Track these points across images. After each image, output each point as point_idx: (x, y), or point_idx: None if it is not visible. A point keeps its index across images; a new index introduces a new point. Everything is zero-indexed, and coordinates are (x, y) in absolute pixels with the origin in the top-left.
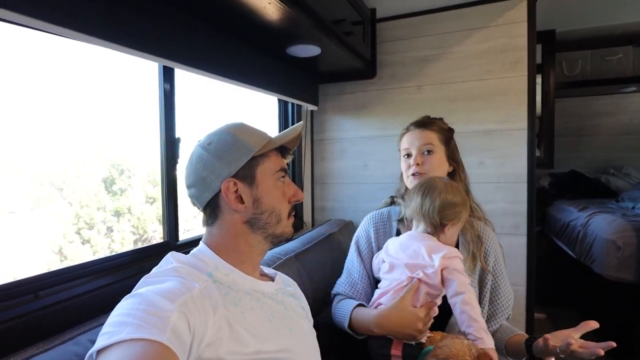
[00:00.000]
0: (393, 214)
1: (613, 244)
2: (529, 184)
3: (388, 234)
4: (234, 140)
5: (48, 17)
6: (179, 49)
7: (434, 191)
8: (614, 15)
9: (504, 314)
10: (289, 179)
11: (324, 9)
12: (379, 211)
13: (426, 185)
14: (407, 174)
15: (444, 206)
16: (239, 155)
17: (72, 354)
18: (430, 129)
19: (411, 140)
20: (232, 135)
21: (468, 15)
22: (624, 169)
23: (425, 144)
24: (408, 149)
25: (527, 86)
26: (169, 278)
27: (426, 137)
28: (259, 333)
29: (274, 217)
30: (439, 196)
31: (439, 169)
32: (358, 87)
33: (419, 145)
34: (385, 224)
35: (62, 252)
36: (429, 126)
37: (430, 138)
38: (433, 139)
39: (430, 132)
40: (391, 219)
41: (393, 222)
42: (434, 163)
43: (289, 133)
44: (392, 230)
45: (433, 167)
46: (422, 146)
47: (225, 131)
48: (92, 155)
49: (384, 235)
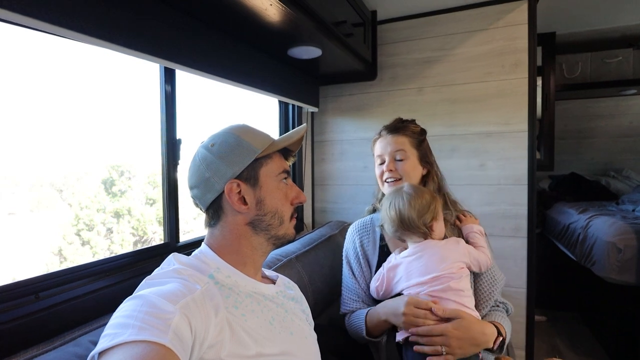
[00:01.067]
0: (376, 221)
1: (614, 247)
2: (530, 186)
3: (372, 241)
4: (238, 142)
5: (48, 17)
6: (180, 50)
7: (404, 204)
8: (614, 18)
9: (489, 298)
10: (292, 181)
11: (325, 11)
12: (362, 220)
13: (393, 204)
14: (381, 180)
15: (420, 212)
16: (242, 157)
17: (73, 355)
18: (402, 134)
19: (383, 145)
20: (235, 136)
21: (469, 17)
22: (624, 172)
23: (397, 150)
24: (381, 155)
25: (527, 88)
26: (171, 280)
27: (398, 142)
28: (260, 336)
29: (277, 218)
30: (410, 206)
31: (412, 173)
32: (359, 89)
33: (391, 151)
34: (369, 232)
35: (61, 254)
36: (400, 131)
37: (401, 143)
38: (404, 144)
39: (401, 137)
40: (374, 225)
41: (376, 228)
42: (407, 168)
43: (292, 135)
44: (376, 237)
45: (406, 172)
46: (394, 152)
47: (229, 132)
48: (92, 157)
49: (368, 243)
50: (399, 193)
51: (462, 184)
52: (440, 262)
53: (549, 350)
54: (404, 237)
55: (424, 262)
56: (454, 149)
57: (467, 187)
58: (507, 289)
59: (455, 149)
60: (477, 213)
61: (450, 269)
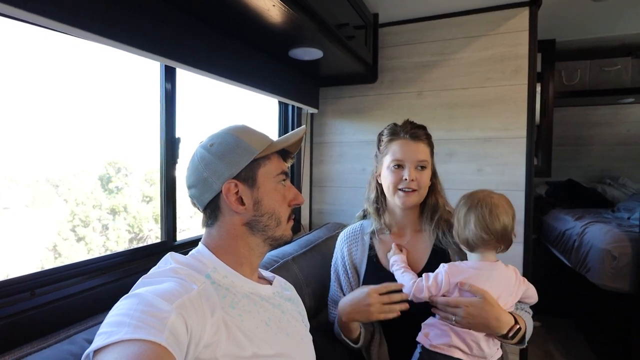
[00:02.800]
0: (366, 228)
1: (608, 254)
2: (527, 192)
3: (361, 249)
4: (237, 142)
5: (49, 13)
6: (181, 49)
7: (506, 213)
8: (614, 27)
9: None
10: (290, 182)
11: (327, 13)
12: (352, 227)
13: (495, 213)
14: (395, 187)
15: (513, 221)
16: (241, 157)
17: (68, 353)
18: (424, 142)
19: (406, 151)
20: (234, 137)
21: (470, 22)
22: (620, 180)
23: (422, 160)
24: (402, 160)
25: (527, 94)
26: (167, 279)
27: (422, 151)
28: (256, 337)
29: (274, 219)
30: (508, 215)
31: (427, 185)
32: (358, 91)
33: (416, 160)
34: (358, 240)
35: (56, 250)
36: (422, 138)
37: (425, 153)
38: (427, 154)
39: (424, 146)
40: (364, 232)
41: (365, 236)
42: (425, 180)
43: (291, 137)
44: (365, 246)
45: (425, 183)
46: (419, 161)
47: (228, 133)
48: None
49: (356, 251)
50: (488, 200)
51: (460, 188)
52: (508, 295)
53: (542, 356)
54: (480, 250)
55: (490, 285)
56: (452, 154)
57: (464, 191)
58: None
59: (454, 154)
60: None
61: (511, 305)
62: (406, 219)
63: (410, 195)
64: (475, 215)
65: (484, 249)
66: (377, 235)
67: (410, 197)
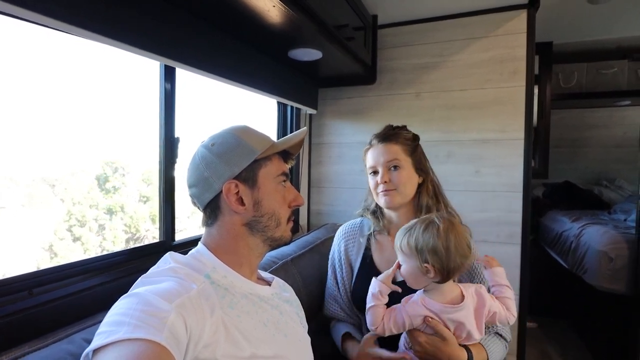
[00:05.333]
0: (365, 226)
1: (605, 255)
2: (525, 193)
3: (357, 248)
4: (237, 142)
5: (49, 11)
6: (181, 48)
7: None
8: (610, 30)
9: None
10: (290, 183)
11: (327, 14)
12: (352, 223)
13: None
14: (376, 192)
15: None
16: (242, 157)
17: (67, 352)
18: (394, 142)
19: (375, 156)
20: (235, 137)
21: (468, 24)
22: (616, 182)
23: (390, 160)
24: (374, 166)
25: (524, 96)
26: (167, 278)
27: (391, 151)
28: (254, 337)
29: (274, 220)
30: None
31: (408, 183)
32: (357, 92)
33: (384, 161)
34: (355, 238)
35: (52, 250)
36: (392, 139)
37: (395, 152)
38: (398, 153)
39: (394, 146)
40: (362, 231)
41: (362, 237)
42: (403, 178)
43: (292, 138)
44: (361, 244)
45: (402, 182)
46: (387, 162)
47: (229, 133)
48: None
49: (352, 248)
50: (434, 224)
51: (457, 189)
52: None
53: (539, 357)
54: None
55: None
56: (450, 155)
57: (462, 193)
58: None
59: (451, 155)
60: (471, 219)
61: (477, 329)
62: (401, 220)
63: (389, 194)
64: (453, 238)
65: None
66: (374, 236)
67: (390, 197)
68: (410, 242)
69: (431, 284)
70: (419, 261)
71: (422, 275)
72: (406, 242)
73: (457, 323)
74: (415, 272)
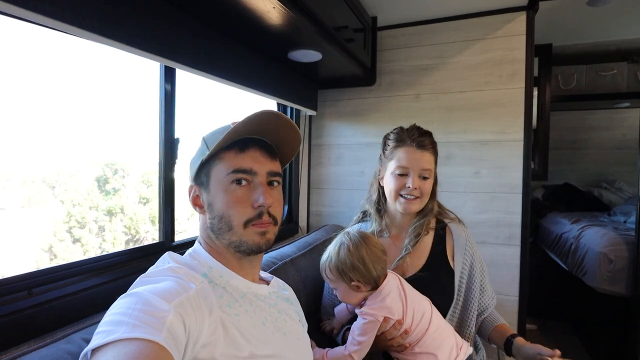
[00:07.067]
0: (364, 230)
1: (605, 257)
2: (524, 195)
3: None
4: (201, 145)
5: (49, 12)
6: (181, 49)
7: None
8: (609, 32)
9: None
10: (260, 180)
11: (326, 16)
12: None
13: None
14: (396, 193)
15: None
16: (197, 160)
17: (65, 352)
18: (431, 151)
19: (411, 159)
20: (202, 140)
21: (468, 26)
22: (616, 183)
23: (425, 169)
24: (406, 167)
25: (524, 98)
26: (166, 278)
27: (427, 160)
28: (253, 337)
29: (224, 223)
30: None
31: (429, 192)
32: (357, 94)
33: (419, 168)
34: None
35: (52, 251)
36: (429, 147)
37: (430, 162)
38: (431, 163)
39: (430, 155)
40: None
41: None
42: (428, 188)
43: (247, 121)
44: None
45: (427, 192)
46: (422, 170)
47: (203, 137)
48: (87, 154)
49: None
50: (347, 238)
51: (457, 191)
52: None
53: None
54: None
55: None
56: (450, 156)
57: (461, 194)
58: (499, 297)
59: (451, 156)
60: (471, 220)
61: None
62: (405, 222)
63: (412, 202)
64: (365, 250)
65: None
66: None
67: (412, 204)
68: (331, 268)
69: (368, 293)
70: (346, 282)
71: (356, 292)
72: (328, 269)
73: (412, 306)
74: (350, 292)
